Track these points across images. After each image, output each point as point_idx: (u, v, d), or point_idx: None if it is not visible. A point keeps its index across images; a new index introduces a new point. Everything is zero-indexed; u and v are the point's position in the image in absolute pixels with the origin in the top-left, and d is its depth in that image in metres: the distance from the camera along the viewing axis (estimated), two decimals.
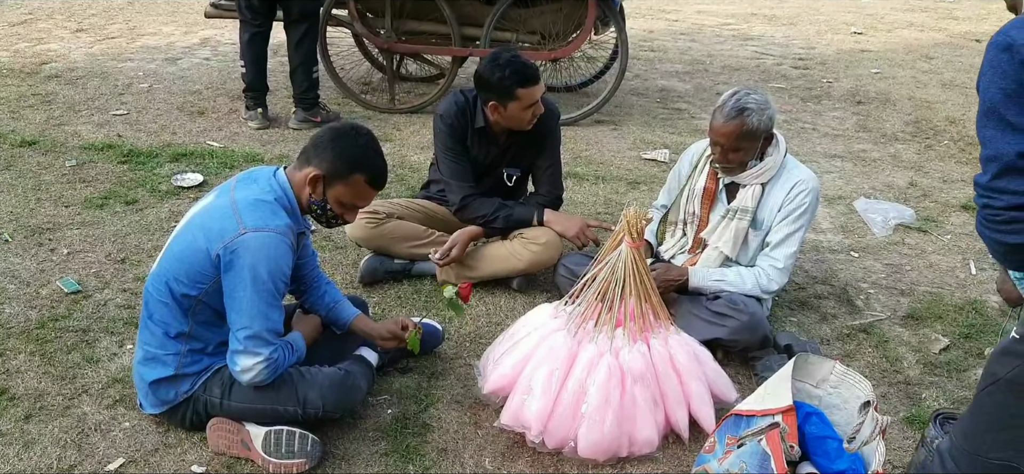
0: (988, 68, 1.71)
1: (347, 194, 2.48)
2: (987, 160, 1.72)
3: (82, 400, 2.72)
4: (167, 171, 4.64)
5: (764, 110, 2.88)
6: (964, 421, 1.83)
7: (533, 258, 3.40)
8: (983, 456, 1.77)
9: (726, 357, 3.04)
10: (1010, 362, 1.70)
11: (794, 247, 3.00)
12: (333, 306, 2.79)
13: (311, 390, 2.47)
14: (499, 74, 3.20)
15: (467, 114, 3.43)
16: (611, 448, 2.49)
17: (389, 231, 3.47)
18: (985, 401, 1.76)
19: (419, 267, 3.55)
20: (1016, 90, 1.66)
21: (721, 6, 11.12)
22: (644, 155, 5.24)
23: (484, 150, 3.49)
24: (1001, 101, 1.68)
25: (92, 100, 5.94)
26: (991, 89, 1.70)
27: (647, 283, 2.66)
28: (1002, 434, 1.74)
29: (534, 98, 3.26)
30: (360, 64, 6.60)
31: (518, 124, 3.34)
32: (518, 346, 2.69)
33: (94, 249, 3.72)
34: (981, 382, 1.78)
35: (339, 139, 2.44)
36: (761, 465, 2.11)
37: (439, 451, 2.58)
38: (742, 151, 2.91)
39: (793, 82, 7.22)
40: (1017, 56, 1.65)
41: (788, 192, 2.98)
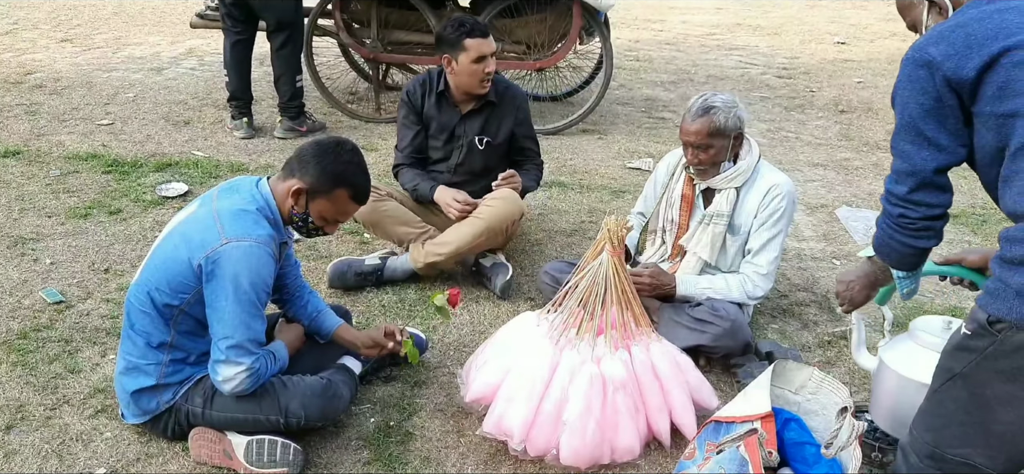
0: (906, 83, 1.77)
1: (329, 209, 2.49)
2: (904, 173, 1.80)
3: (64, 410, 2.71)
4: (152, 181, 4.63)
5: (731, 108, 2.94)
6: (923, 414, 1.86)
7: (492, 214, 3.46)
8: (942, 451, 1.79)
9: (708, 364, 3.06)
10: (964, 357, 1.72)
11: (775, 252, 3.03)
12: (316, 315, 2.79)
13: (293, 399, 2.47)
14: (450, 29, 3.49)
15: (428, 84, 3.66)
16: (593, 455, 2.50)
17: (389, 209, 3.57)
18: (943, 397, 1.79)
19: (391, 267, 3.56)
20: (934, 106, 1.72)
21: (706, 16, 11.20)
22: (629, 164, 5.27)
23: (446, 115, 3.65)
24: (920, 116, 1.74)
25: (77, 110, 5.93)
26: (910, 104, 1.75)
27: (628, 291, 2.68)
28: (960, 429, 1.76)
29: (482, 50, 3.46)
30: (346, 74, 6.62)
31: (469, 82, 3.52)
32: (500, 354, 2.70)
33: (77, 259, 3.72)
34: (936, 378, 1.82)
35: (324, 154, 2.45)
36: (739, 470, 2.12)
37: (422, 459, 2.59)
38: (713, 150, 2.95)
39: (777, 91, 7.27)
40: (938, 73, 1.70)
41: (763, 197, 3.01)
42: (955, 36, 1.70)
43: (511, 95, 3.72)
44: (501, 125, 3.69)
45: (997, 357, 1.65)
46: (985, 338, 1.66)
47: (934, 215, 1.82)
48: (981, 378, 1.70)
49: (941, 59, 1.70)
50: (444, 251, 3.48)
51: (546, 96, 6.42)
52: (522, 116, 3.75)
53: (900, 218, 1.85)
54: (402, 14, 5.67)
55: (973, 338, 1.70)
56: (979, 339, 1.68)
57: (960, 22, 1.73)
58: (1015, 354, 1.62)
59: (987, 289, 1.67)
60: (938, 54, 1.71)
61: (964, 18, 1.74)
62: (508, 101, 3.69)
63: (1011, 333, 1.61)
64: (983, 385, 1.70)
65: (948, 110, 1.73)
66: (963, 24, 1.72)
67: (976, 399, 1.72)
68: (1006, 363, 1.64)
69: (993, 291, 1.65)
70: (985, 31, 1.68)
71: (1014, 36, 1.65)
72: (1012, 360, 1.63)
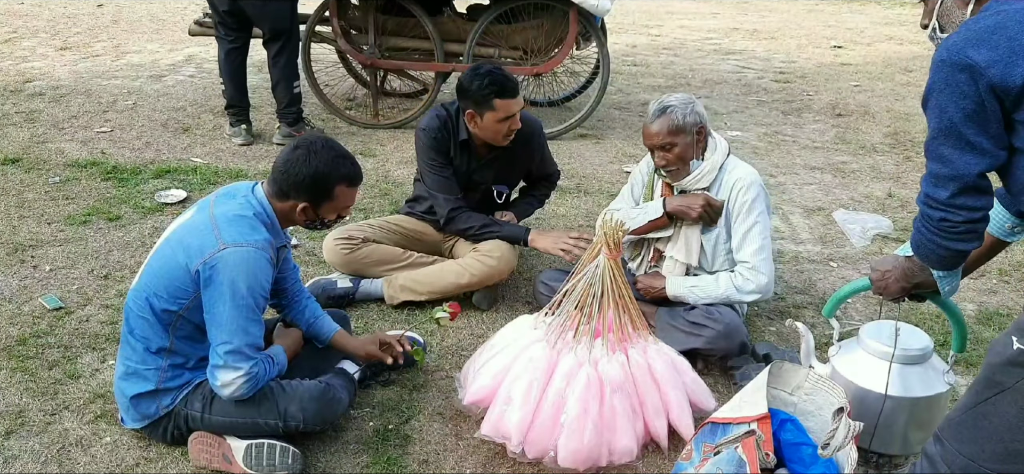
0: (944, 87, 1.73)
1: (336, 205, 2.54)
2: (946, 178, 1.77)
3: (63, 416, 2.72)
4: (151, 188, 4.65)
5: (687, 104, 3.00)
6: (961, 427, 1.82)
7: (486, 272, 3.39)
8: (979, 464, 1.77)
9: (706, 366, 3.07)
10: (1018, 373, 1.70)
11: (757, 243, 3.01)
12: (313, 321, 2.81)
13: (292, 403, 2.48)
14: (478, 83, 3.23)
15: (449, 127, 3.44)
16: (591, 457, 2.51)
17: (364, 255, 3.49)
18: (988, 410, 1.76)
19: (364, 290, 3.50)
20: (976, 110, 1.69)
21: (703, 21, 11.23)
22: (626, 168, 5.28)
23: (466, 163, 3.50)
24: (961, 121, 1.71)
25: (76, 118, 5.95)
26: (949, 109, 1.72)
27: (625, 294, 2.69)
28: (1001, 446, 1.74)
29: (510, 111, 3.27)
30: (344, 80, 6.64)
31: (493, 137, 3.35)
32: (498, 357, 2.71)
33: (77, 266, 3.73)
34: (983, 390, 1.78)
35: (304, 165, 2.44)
36: (737, 471, 2.14)
37: (420, 463, 2.60)
38: (677, 147, 3.00)
39: (774, 95, 7.29)
40: (981, 79, 1.67)
41: (730, 194, 3.03)
42: (997, 40, 1.67)
43: (526, 132, 3.47)
44: (516, 166, 3.62)
45: None
46: None
47: (976, 219, 1.79)
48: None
49: (985, 64, 1.67)
50: (420, 292, 3.43)
51: (543, 101, 6.44)
52: (539, 153, 3.64)
53: (942, 222, 1.82)
54: (400, 21, 5.69)
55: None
56: None
57: (999, 23, 1.69)
58: None
59: None
60: (981, 59, 1.67)
61: (1001, 20, 1.69)
62: (523, 140, 3.48)
63: None
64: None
65: (990, 114, 1.70)
66: (1003, 26, 1.68)
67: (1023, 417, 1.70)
68: None
69: None
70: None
71: None
72: None
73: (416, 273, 3.47)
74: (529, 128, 3.51)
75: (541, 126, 3.67)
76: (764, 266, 3.02)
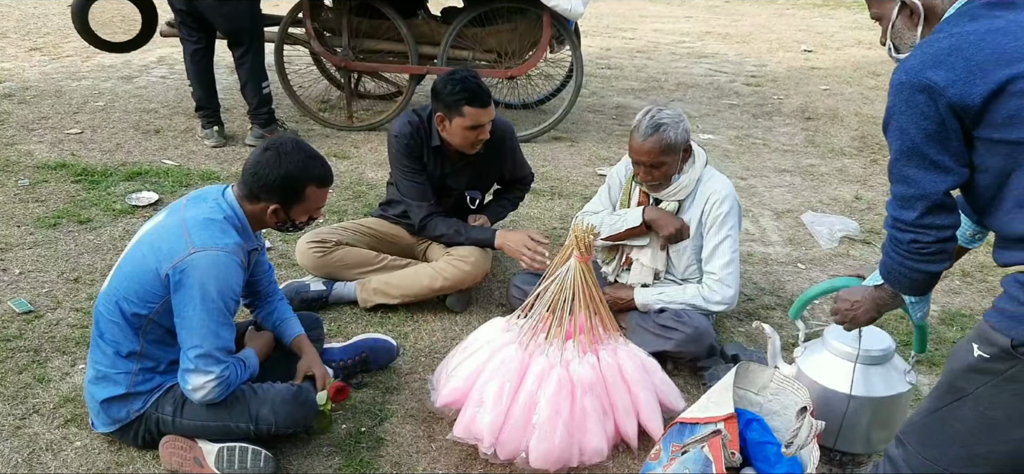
0: (904, 108, 1.75)
1: (307, 206, 2.55)
2: (913, 199, 1.78)
3: (33, 420, 2.71)
4: (122, 190, 4.62)
5: (678, 123, 2.97)
6: (924, 430, 1.86)
7: (459, 276, 3.41)
8: (941, 466, 1.81)
9: (676, 367, 3.12)
10: (979, 379, 1.73)
11: (726, 256, 3.06)
12: (280, 323, 2.82)
13: (263, 406, 2.49)
14: (451, 87, 3.23)
15: (422, 132, 3.45)
16: (562, 458, 2.54)
17: (337, 259, 3.49)
18: (950, 415, 1.79)
19: (337, 293, 3.51)
20: (937, 131, 1.72)
21: (676, 24, 11.32)
22: (600, 171, 5.33)
23: (439, 168, 3.52)
24: (923, 141, 1.73)
25: (46, 119, 5.89)
26: (911, 130, 1.74)
27: (596, 296, 2.73)
28: (963, 450, 1.78)
29: (479, 120, 3.27)
30: (318, 82, 6.63)
31: (460, 142, 3.34)
32: (471, 359, 2.73)
33: (46, 269, 3.70)
34: (945, 396, 1.82)
35: (275, 167, 2.45)
36: (703, 470, 2.18)
37: (393, 464, 2.62)
38: (665, 166, 2.99)
39: (745, 99, 7.38)
40: (940, 99, 1.69)
41: (704, 206, 3.07)
42: (954, 61, 1.70)
43: (497, 137, 3.49)
44: (489, 171, 3.64)
45: (1018, 379, 1.67)
46: (1006, 362, 1.67)
47: (946, 237, 1.80)
48: (998, 399, 1.71)
49: (944, 85, 1.69)
50: (393, 296, 3.45)
51: (518, 104, 6.48)
52: (511, 156, 3.66)
53: (912, 244, 1.82)
54: (373, 23, 5.70)
55: (991, 361, 1.70)
56: (999, 362, 1.69)
57: (954, 45, 1.71)
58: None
59: (1008, 313, 1.67)
60: (940, 79, 1.70)
61: (958, 42, 1.72)
62: (495, 145, 3.49)
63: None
64: (996, 406, 1.71)
65: (951, 133, 1.72)
66: (959, 48, 1.70)
67: (987, 420, 1.73)
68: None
69: (1018, 316, 1.65)
70: (985, 56, 1.68)
71: (1017, 64, 1.65)
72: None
73: (389, 276, 3.48)
74: (500, 132, 3.53)
75: (513, 129, 3.69)
76: (731, 279, 3.07)
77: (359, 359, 3.00)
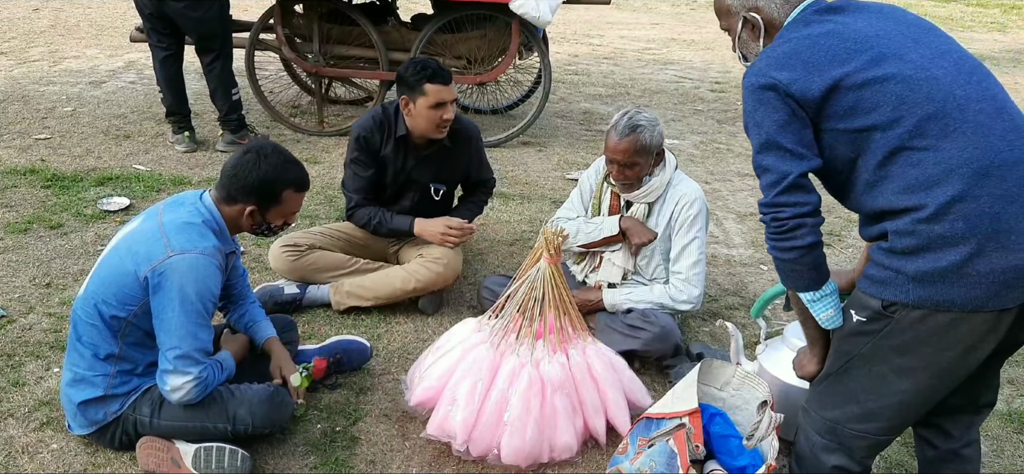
0: (757, 106, 1.92)
1: (283, 210, 2.62)
2: (770, 184, 1.92)
3: (8, 423, 2.73)
4: (92, 195, 4.62)
5: (655, 126, 3.07)
6: (822, 395, 2.07)
7: (431, 278, 3.48)
8: (843, 426, 2.02)
9: (643, 366, 3.21)
10: (861, 341, 1.93)
11: (693, 257, 3.16)
12: (251, 324, 2.87)
13: (240, 407, 2.54)
14: (412, 69, 3.40)
15: (386, 126, 3.54)
16: (533, 454, 2.62)
17: (310, 262, 3.54)
18: (842, 377, 2.00)
19: (310, 296, 3.55)
20: (788, 120, 1.89)
21: (643, 31, 11.47)
22: (568, 175, 5.41)
23: (403, 159, 3.59)
24: (776, 132, 1.90)
25: (13, 124, 5.85)
26: (765, 123, 1.91)
27: (565, 297, 2.81)
28: (859, 407, 1.98)
29: (441, 97, 3.37)
30: (289, 87, 6.65)
31: (426, 125, 3.43)
32: (443, 360, 2.80)
33: (18, 274, 3.71)
34: (834, 362, 2.03)
35: (253, 169, 2.51)
36: (669, 463, 2.26)
37: (368, 463, 2.67)
38: (638, 167, 3.08)
39: (710, 104, 7.52)
40: (784, 93, 1.87)
41: (674, 208, 3.17)
42: (793, 63, 1.89)
43: (464, 135, 3.64)
44: (455, 168, 3.70)
45: (892, 335, 1.88)
46: (880, 322, 1.88)
47: (804, 213, 1.91)
48: (878, 356, 1.92)
49: (787, 81, 1.87)
50: (366, 298, 3.50)
51: (487, 109, 6.55)
52: (476, 157, 3.75)
53: (772, 222, 1.94)
54: (344, 29, 5.74)
55: (868, 323, 1.91)
56: (874, 323, 1.90)
57: (792, 50, 1.91)
58: (908, 330, 1.85)
59: (875, 278, 1.87)
60: (783, 77, 1.88)
61: (795, 46, 1.92)
62: (462, 142, 3.63)
63: (904, 313, 1.84)
64: (881, 362, 1.92)
65: (801, 122, 1.89)
66: (796, 52, 1.90)
67: (874, 376, 1.94)
68: (900, 339, 1.87)
69: (883, 279, 1.85)
70: (819, 57, 1.87)
71: (847, 63, 1.85)
72: (905, 336, 1.86)
73: (362, 279, 3.54)
74: (467, 132, 3.65)
75: (479, 131, 3.78)
76: (697, 279, 3.17)
77: (333, 360, 3.05)
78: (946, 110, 1.81)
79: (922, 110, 1.81)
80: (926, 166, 1.79)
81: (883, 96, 1.83)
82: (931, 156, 1.79)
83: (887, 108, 1.82)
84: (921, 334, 1.84)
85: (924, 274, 1.79)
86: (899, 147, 1.82)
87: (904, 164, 1.82)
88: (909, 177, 1.81)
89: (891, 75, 1.84)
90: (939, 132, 1.80)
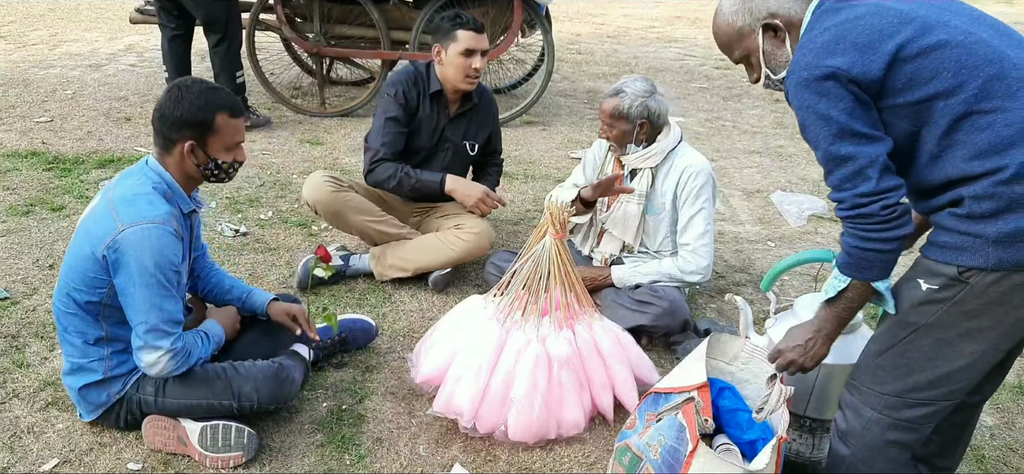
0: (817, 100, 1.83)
1: (223, 139, 2.46)
2: (862, 170, 1.82)
3: (13, 404, 2.72)
4: (94, 178, 4.60)
5: (639, 97, 3.10)
6: (880, 370, 2.00)
7: (466, 247, 3.51)
8: (905, 397, 1.98)
9: (650, 342, 3.19)
10: (931, 310, 1.88)
11: (700, 228, 3.14)
12: (245, 297, 2.84)
13: (246, 383, 2.52)
14: (445, 17, 3.53)
15: (421, 82, 3.59)
16: (540, 431, 2.60)
17: (347, 199, 3.53)
18: (907, 348, 1.94)
19: (353, 268, 3.60)
20: (855, 104, 1.81)
21: (646, 9, 11.39)
22: (572, 154, 5.38)
23: (436, 116, 3.62)
24: (848, 119, 1.82)
25: (13, 108, 5.83)
26: (833, 114, 1.82)
27: (571, 273, 2.79)
28: (925, 376, 1.94)
29: (471, 45, 3.44)
30: (290, 68, 6.62)
31: (454, 74, 3.49)
32: (449, 337, 2.78)
33: (20, 256, 3.69)
34: (898, 332, 1.95)
35: (178, 103, 2.40)
36: (677, 436, 2.24)
37: (375, 440, 2.66)
38: (615, 130, 3.15)
39: (714, 82, 7.47)
40: (846, 80, 1.80)
41: (679, 178, 3.15)
42: (844, 47, 1.81)
43: (487, 99, 3.78)
44: (481, 129, 3.75)
45: (965, 301, 1.83)
46: (954, 288, 1.83)
47: (903, 196, 1.85)
48: (948, 322, 1.87)
49: (846, 67, 1.79)
50: (408, 269, 3.53)
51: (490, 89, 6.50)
52: (494, 121, 3.85)
53: (883, 210, 1.83)
54: (345, 9, 5.70)
55: (940, 291, 1.85)
56: (948, 290, 1.85)
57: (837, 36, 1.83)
58: (982, 294, 1.82)
59: (949, 245, 1.82)
60: (841, 63, 1.80)
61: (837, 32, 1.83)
62: (486, 105, 3.76)
63: (981, 277, 1.80)
64: (949, 327, 1.88)
65: (866, 105, 1.82)
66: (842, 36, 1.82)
67: (940, 343, 1.90)
68: (974, 304, 1.83)
69: (959, 246, 1.80)
70: (867, 37, 1.80)
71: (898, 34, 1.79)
72: (979, 300, 1.82)
73: (405, 251, 3.55)
74: (487, 94, 3.79)
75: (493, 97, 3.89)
76: (705, 250, 3.15)
77: (339, 340, 3.03)
78: (1006, 71, 1.76)
79: (984, 73, 1.76)
80: (998, 128, 1.75)
81: (943, 62, 1.77)
82: (1000, 118, 1.75)
83: (948, 74, 1.77)
84: (994, 296, 1.81)
85: (1005, 236, 1.76)
86: (966, 113, 1.77)
87: (971, 130, 1.77)
88: (980, 141, 1.76)
89: (945, 41, 1.77)
90: (1005, 93, 1.75)
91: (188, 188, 2.52)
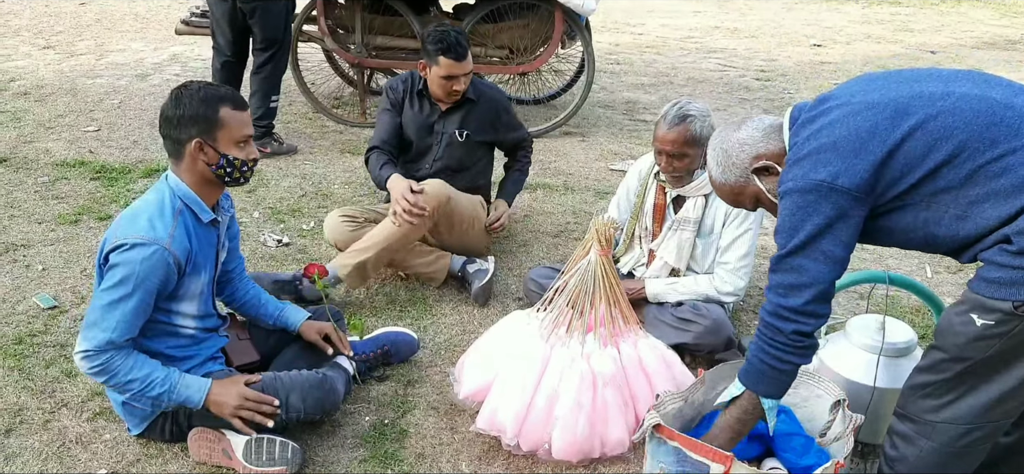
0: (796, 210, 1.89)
1: (230, 134, 2.45)
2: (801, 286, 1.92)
3: (62, 414, 2.75)
4: (140, 187, 4.66)
5: (706, 117, 3.00)
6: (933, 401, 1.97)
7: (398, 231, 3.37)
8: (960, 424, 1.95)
9: (694, 361, 3.14)
10: (985, 346, 1.86)
11: (743, 250, 3.08)
12: (278, 314, 2.87)
13: (293, 393, 2.52)
14: (433, 37, 3.58)
15: (409, 81, 3.79)
16: (584, 449, 2.58)
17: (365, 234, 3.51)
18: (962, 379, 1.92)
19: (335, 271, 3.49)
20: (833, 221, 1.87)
21: (684, 19, 11.32)
22: (611, 166, 5.35)
23: (426, 111, 3.78)
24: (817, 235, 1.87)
25: (62, 117, 5.93)
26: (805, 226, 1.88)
27: (616, 289, 2.76)
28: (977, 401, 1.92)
29: (451, 71, 3.56)
30: (331, 79, 6.66)
31: (435, 90, 3.67)
32: (492, 352, 2.77)
33: (69, 265, 3.74)
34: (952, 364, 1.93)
35: (178, 104, 2.42)
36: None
37: (417, 456, 2.65)
38: (688, 158, 3.01)
39: (755, 93, 7.39)
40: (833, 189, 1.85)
41: None
42: (828, 157, 1.85)
43: (490, 96, 3.85)
44: (481, 120, 3.81)
45: (1020, 335, 1.82)
46: (1010, 323, 1.82)
47: (819, 328, 1.93)
48: (1005, 355, 1.86)
49: (831, 177, 1.84)
50: (368, 250, 3.40)
51: (529, 100, 6.50)
52: (503, 119, 3.89)
53: (793, 333, 1.93)
54: (386, 20, 5.72)
55: (996, 326, 1.84)
56: (1003, 326, 1.83)
57: (818, 146, 1.87)
58: None
59: (1003, 281, 1.80)
60: (826, 175, 1.84)
61: (818, 143, 1.88)
62: (487, 105, 3.82)
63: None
64: (1005, 360, 1.87)
65: (846, 220, 1.86)
66: (822, 147, 1.87)
67: (998, 370, 1.89)
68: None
69: (1013, 281, 1.78)
70: (848, 142, 1.84)
71: (877, 129, 1.83)
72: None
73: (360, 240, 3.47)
74: (491, 91, 3.90)
75: (506, 98, 3.98)
76: (744, 272, 3.11)
77: (381, 352, 3.04)
78: (999, 115, 1.78)
79: (977, 124, 1.78)
80: (1017, 169, 1.76)
81: (931, 136, 1.80)
82: (1014, 159, 1.76)
83: (942, 143, 1.80)
84: None
85: None
86: (975, 168, 1.79)
87: (987, 179, 1.78)
88: (1004, 186, 1.77)
89: (925, 117, 1.81)
90: (1008, 134, 1.77)
91: (208, 197, 2.52)
